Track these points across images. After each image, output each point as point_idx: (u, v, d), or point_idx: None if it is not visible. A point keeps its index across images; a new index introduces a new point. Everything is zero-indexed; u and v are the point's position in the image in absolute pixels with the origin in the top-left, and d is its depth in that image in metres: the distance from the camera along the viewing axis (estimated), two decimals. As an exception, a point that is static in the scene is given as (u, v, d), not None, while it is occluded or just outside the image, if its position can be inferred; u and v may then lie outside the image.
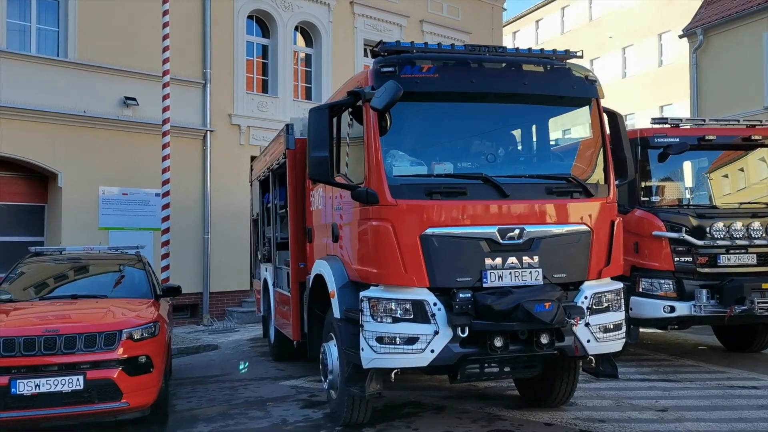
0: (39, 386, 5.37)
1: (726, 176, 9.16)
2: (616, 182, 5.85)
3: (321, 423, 6.32)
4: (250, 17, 15.53)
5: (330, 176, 5.39)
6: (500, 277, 5.26)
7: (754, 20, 16.44)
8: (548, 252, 5.39)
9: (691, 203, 8.69)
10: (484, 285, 5.21)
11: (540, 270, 5.35)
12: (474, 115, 5.68)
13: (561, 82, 5.66)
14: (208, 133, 14.38)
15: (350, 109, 5.72)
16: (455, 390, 7.54)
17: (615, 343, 5.63)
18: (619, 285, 5.73)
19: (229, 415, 6.68)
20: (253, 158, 15.05)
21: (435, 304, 5.11)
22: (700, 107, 17.67)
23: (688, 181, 9.23)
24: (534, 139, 5.93)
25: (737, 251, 8.14)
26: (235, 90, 14.92)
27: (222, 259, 14.44)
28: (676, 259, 8.13)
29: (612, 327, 5.60)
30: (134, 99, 13.20)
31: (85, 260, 7.66)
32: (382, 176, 5.21)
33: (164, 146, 11.54)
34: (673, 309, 8.02)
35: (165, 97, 11.61)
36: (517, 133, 5.95)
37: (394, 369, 5.36)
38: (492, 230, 5.27)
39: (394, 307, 5.16)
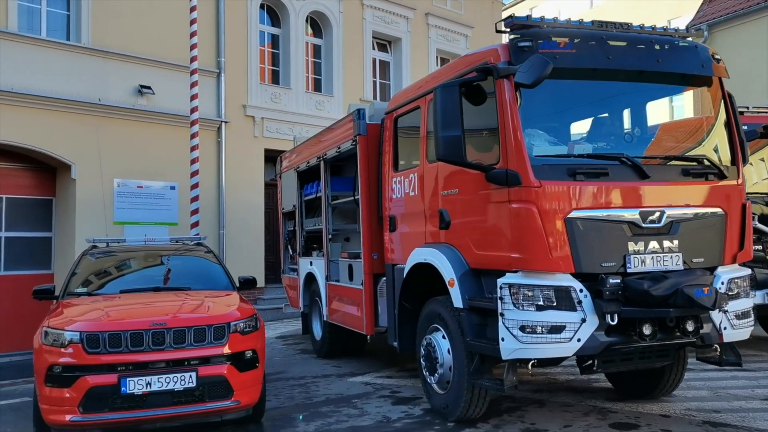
0: (150, 384, 4.93)
1: None
2: None
3: (427, 420, 6.00)
4: (261, 6, 15.04)
5: (463, 156, 5.08)
6: (643, 261, 5.04)
7: (760, 17, 16.72)
8: (687, 236, 5.19)
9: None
10: (628, 270, 4.98)
11: (680, 254, 5.15)
12: (607, 93, 5.46)
13: (690, 60, 5.48)
14: (223, 124, 13.86)
15: (464, 89, 5.41)
16: (536, 384, 7.32)
17: (746, 331, 5.48)
18: (748, 271, 5.58)
19: (323, 413, 6.30)
20: (267, 151, 14.64)
21: (581, 291, 4.86)
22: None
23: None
24: (662, 118, 5.73)
25: None
26: (249, 80, 14.43)
27: (237, 255, 13.92)
28: None
29: (742, 314, 5.44)
30: (149, 87, 12.62)
31: (155, 252, 7.15)
32: (525, 156, 4.93)
33: (193, 136, 11.02)
34: None
35: (193, 85, 11.09)
36: (647, 111, 5.73)
37: (532, 360, 5.10)
38: (635, 213, 5.05)
39: (537, 294, 4.88)
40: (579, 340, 4.85)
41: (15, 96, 11.04)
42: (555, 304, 4.86)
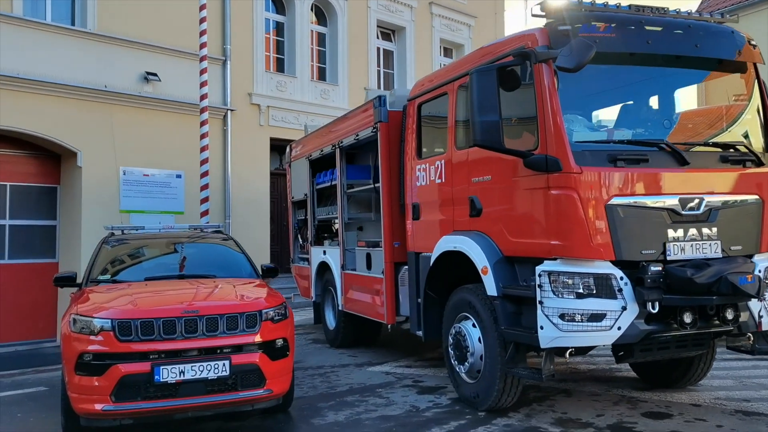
0: (184, 373, 4.82)
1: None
2: None
3: (456, 409, 5.94)
4: (266, -8, 14.86)
5: (502, 142, 5.00)
6: (682, 249, 4.99)
7: (761, 9, 16.72)
8: (725, 223, 5.15)
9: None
10: (668, 258, 4.93)
11: (719, 242, 5.11)
12: (644, 78, 5.39)
13: (727, 46, 5.42)
14: (229, 112, 13.68)
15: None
16: (559, 373, 7.19)
17: (781, 319, 5.44)
18: (782, 259, 5.54)
19: (349, 403, 6.22)
20: (273, 140, 14.51)
21: (622, 279, 4.80)
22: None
23: None
24: (697, 103, 5.67)
25: None
26: (254, 68, 14.24)
27: (242, 245, 13.75)
28: None
29: None
30: (155, 74, 12.43)
31: (176, 239, 7.01)
32: (565, 142, 4.86)
33: (202, 123, 10.87)
34: None
35: (203, 72, 10.95)
36: (682, 97, 5.66)
37: (570, 348, 5.05)
38: (674, 200, 5.00)
39: (576, 282, 4.82)
40: (619, 328, 4.79)
41: (19, 81, 10.83)
42: (595, 291, 4.81)
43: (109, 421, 4.86)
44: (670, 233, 4.97)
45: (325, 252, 9.66)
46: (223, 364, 4.92)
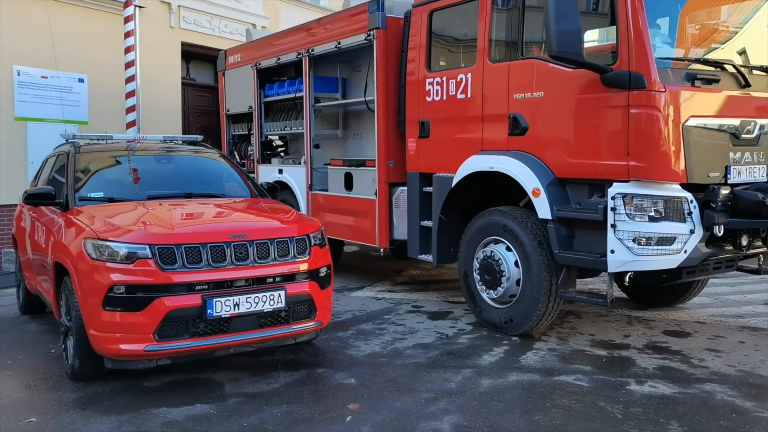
0: (238, 306, 4.16)
1: None
2: None
3: (485, 334, 5.74)
4: None
5: (582, 54, 4.64)
6: (739, 173, 5.01)
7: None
8: (769, 148, 5.24)
9: None
10: (728, 181, 4.93)
11: (765, 166, 5.19)
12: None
13: None
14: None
15: None
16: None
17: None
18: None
19: (369, 331, 5.81)
20: (184, 44, 13.05)
21: (691, 202, 4.74)
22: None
23: None
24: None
25: None
26: (164, -41, 12.54)
27: (153, 162, 12.44)
28: None
29: None
30: (52, -43, 10.51)
31: (162, 152, 5.94)
32: (650, 57, 4.60)
33: (127, 20, 9.41)
34: None
35: (125, -44, 9.35)
36: (740, 20, 5.52)
37: (630, 273, 4.99)
38: (736, 123, 4.97)
39: (648, 205, 4.70)
40: (686, 251, 4.76)
41: None
42: (665, 215, 4.71)
43: (144, 362, 4.11)
44: (731, 156, 4.96)
45: (281, 171, 8.91)
46: (279, 295, 4.31)
